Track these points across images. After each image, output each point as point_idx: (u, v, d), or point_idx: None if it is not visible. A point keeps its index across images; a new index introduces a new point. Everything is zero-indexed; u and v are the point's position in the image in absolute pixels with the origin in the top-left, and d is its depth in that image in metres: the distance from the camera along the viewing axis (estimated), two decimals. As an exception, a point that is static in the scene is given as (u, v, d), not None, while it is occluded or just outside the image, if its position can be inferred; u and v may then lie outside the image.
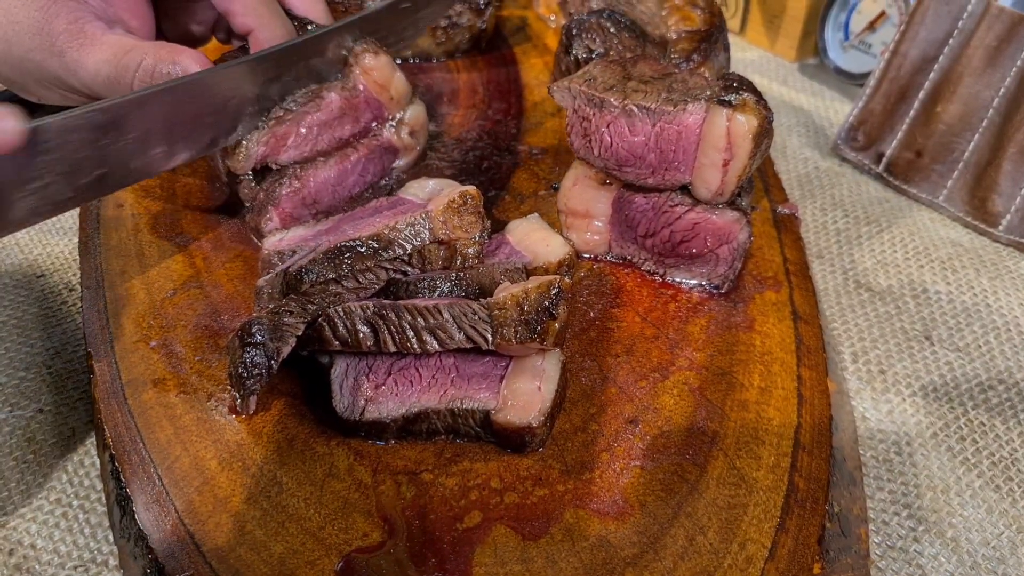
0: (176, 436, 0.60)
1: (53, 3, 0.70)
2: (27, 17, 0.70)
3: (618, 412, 0.62)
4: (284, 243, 0.69)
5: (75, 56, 0.71)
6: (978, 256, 0.85)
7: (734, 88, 0.64)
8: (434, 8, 0.89)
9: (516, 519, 0.55)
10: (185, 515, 0.55)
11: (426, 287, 0.62)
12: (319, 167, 0.75)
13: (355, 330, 0.58)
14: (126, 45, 0.72)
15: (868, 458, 0.66)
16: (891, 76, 0.95)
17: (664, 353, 0.66)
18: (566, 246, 0.69)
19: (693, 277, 0.72)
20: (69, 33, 0.71)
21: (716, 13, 0.87)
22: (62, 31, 0.71)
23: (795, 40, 1.17)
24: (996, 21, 0.87)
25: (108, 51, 0.71)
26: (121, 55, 0.71)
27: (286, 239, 0.69)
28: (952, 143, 0.90)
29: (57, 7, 0.70)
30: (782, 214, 0.81)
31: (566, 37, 0.85)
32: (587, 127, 0.67)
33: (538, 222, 0.71)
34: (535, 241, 0.69)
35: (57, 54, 0.71)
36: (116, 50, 0.71)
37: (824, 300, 0.80)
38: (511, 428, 0.57)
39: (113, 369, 0.65)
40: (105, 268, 0.73)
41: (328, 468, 0.58)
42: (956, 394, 0.71)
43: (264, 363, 0.58)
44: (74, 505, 0.62)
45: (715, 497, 0.56)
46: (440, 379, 0.60)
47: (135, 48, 0.71)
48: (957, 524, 0.62)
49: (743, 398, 0.63)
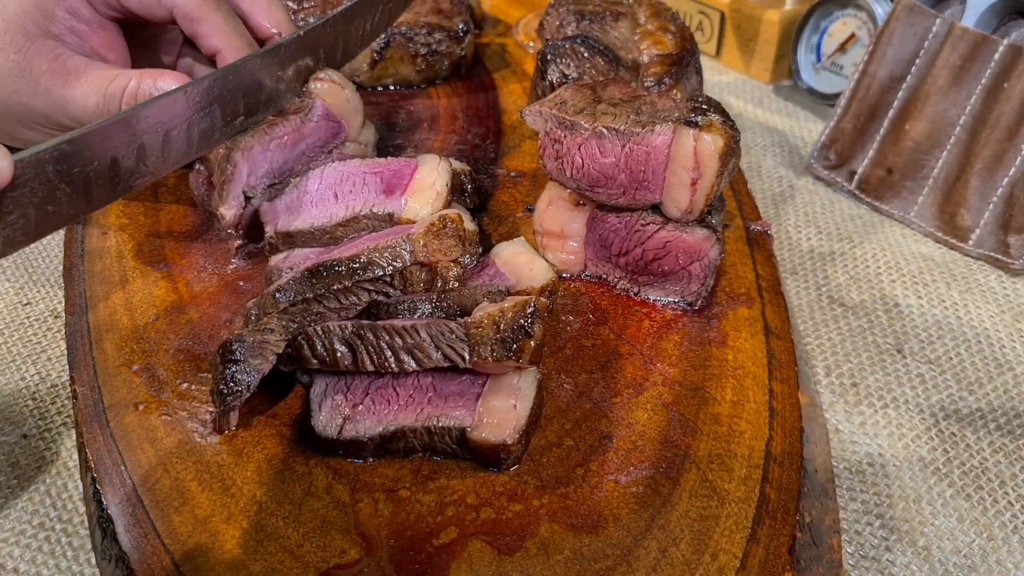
0: (157, 458, 0.60)
1: (31, 44, 0.72)
2: (7, 60, 0.72)
3: (593, 428, 0.63)
4: (287, 261, 0.71)
5: (61, 92, 0.73)
6: (948, 270, 0.87)
7: (702, 109, 0.66)
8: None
9: (492, 534, 0.56)
10: (165, 536, 0.55)
11: (407, 308, 0.63)
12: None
13: (333, 349, 0.60)
14: (110, 75, 0.74)
15: (841, 470, 0.67)
16: (861, 96, 0.97)
17: (638, 369, 0.67)
18: (550, 271, 0.70)
19: (666, 294, 0.73)
20: (52, 71, 0.73)
21: (687, 37, 0.89)
22: (45, 70, 0.72)
23: (769, 63, 1.19)
24: (960, 41, 0.90)
25: (94, 82, 0.72)
26: (107, 83, 0.73)
27: (290, 257, 0.71)
28: (921, 160, 0.92)
29: (36, 48, 0.72)
30: (755, 231, 0.82)
31: (541, 62, 0.87)
32: (559, 149, 0.68)
33: (524, 246, 0.73)
34: (520, 265, 0.70)
35: (43, 93, 0.73)
36: (102, 80, 0.73)
37: (798, 315, 0.82)
38: (486, 445, 0.58)
39: (96, 393, 0.65)
40: (89, 294, 0.74)
41: (307, 487, 0.58)
42: (927, 405, 0.73)
43: (244, 380, 0.59)
44: (57, 528, 0.63)
45: (687, 509, 0.57)
46: (417, 398, 0.61)
47: (120, 75, 0.73)
48: (929, 533, 0.63)
49: (716, 412, 0.64)
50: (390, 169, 0.76)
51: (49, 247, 0.89)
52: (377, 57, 1.03)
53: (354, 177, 0.75)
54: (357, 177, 0.75)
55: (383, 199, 0.73)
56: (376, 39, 0.89)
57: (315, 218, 0.73)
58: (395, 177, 0.75)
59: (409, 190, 0.74)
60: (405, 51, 1.03)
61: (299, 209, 0.74)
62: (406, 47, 1.03)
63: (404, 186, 0.74)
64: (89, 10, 0.75)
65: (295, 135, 0.77)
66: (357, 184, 0.74)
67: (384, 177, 0.75)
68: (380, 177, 0.75)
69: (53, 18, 0.73)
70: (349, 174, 0.75)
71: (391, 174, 0.75)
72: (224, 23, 0.75)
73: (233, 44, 0.75)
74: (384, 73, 1.05)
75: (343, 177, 0.75)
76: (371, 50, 1.02)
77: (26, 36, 0.72)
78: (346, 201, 0.73)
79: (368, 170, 0.75)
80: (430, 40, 1.04)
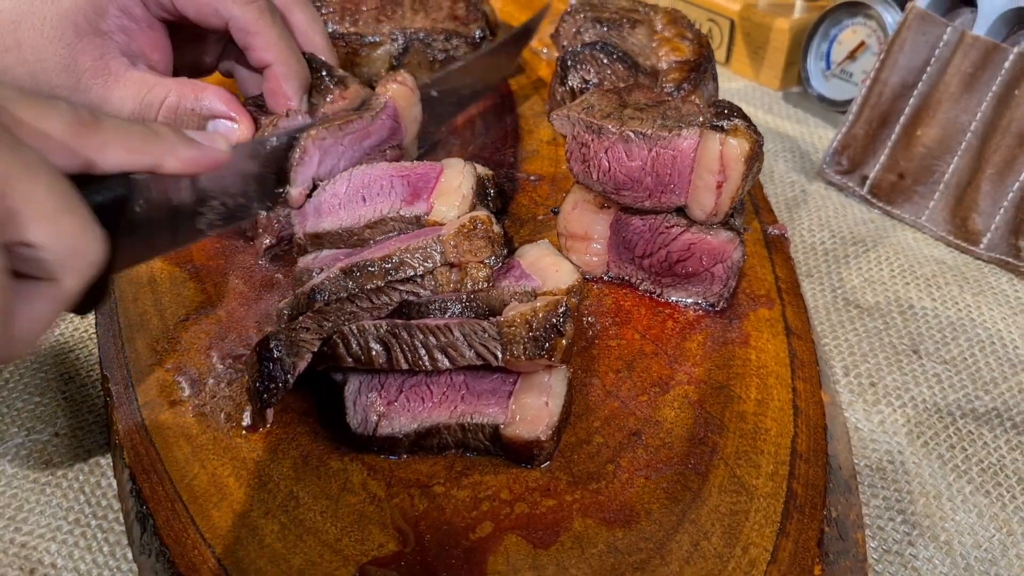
0: (193, 454, 0.61)
1: (79, 40, 0.73)
2: (54, 54, 0.73)
3: (621, 425, 0.64)
4: (317, 262, 0.72)
5: (100, 92, 0.74)
6: (961, 273, 0.89)
7: (725, 114, 0.68)
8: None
9: (526, 528, 0.57)
10: (205, 530, 0.56)
11: (437, 308, 0.64)
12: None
13: (368, 348, 0.61)
14: (149, 82, 0.75)
15: (862, 467, 0.69)
16: (872, 103, 0.99)
17: (664, 368, 0.69)
18: (575, 273, 0.71)
19: (689, 296, 0.74)
20: (94, 70, 0.74)
21: (704, 44, 0.91)
22: (87, 68, 0.73)
23: (779, 70, 1.21)
24: (971, 49, 0.91)
25: (132, 88, 0.74)
26: (145, 91, 0.74)
27: (319, 258, 0.72)
28: (933, 165, 0.94)
29: (83, 44, 0.73)
30: (772, 235, 0.84)
31: (561, 68, 0.88)
32: (586, 153, 0.70)
33: (549, 248, 0.74)
34: (545, 266, 0.71)
35: (83, 91, 0.74)
36: (140, 87, 0.74)
37: (815, 317, 0.83)
38: (520, 442, 0.60)
39: (129, 392, 0.66)
40: (118, 295, 0.75)
41: (343, 483, 0.60)
42: (944, 404, 0.74)
43: (281, 377, 0.60)
44: (92, 525, 0.64)
45: (717, 504, 0.58)
46: (450, 395, 0.62)
47: (158, 84, 0.74)
48: (950, 528, 0.64)
49: (741, 410, 0.65)
50: (416, 173, 0.77)
51: (73, 249, 0.90)
52: (395, 63, 1.04)
53: (381, 180, 0.76)
54: (384, 180, 0.76)
55: (410, 202, 0.74)
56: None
57: (343, 220, 0.74)
58: (421, 180, 0.76)
59: (435, 193, 0.75)
60: (423, 57, 1.04)
61: (328, 211, 0.75)
62: (424, 53, 1.04)
63: (430, 189, 0.75)
64: (142, 9, 0.76)
65: (363, 132, 0.79)
66: (384, 187, 0.75)
67: (410, 180, 0.76)
68: (406, 180, 0.76)
69: (105, 15, 0.74)
70: (376, 177, 0.76)
71: (417, 177, 0.76)
72: (279, 39, 0.76)
73: (284, 60, 0.76)
74: (402, 78, 1.06)
75: (371, 180, 0.76)
76: (389, 56, 1.03)
77: (76, 31, 0.73)
78: (374, 204, 0.74)
79: (395, 173, 0.76)
80: (448, 46, 1.05)
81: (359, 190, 0.75)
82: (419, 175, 0.77)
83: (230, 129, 0.77)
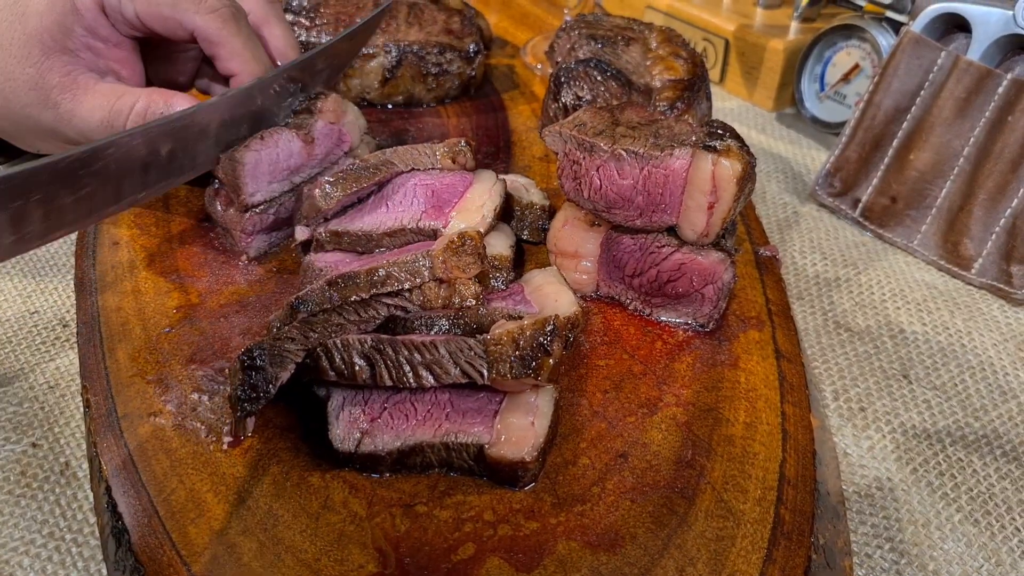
0: (172, 469, 0.60)
1: (46, 59, 0.73)
2: (22, 74, 0.73)
3: (608, 447, 0.63)
4: (326, 259, 0.73)
5: (69, 107, 0.74)
6: (952, 298, 0.88)
7: (718, 135, 0.67)
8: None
9: (509, 551, 0.56)
10: (182, 547, 0.55)
11: (424, 324, 0.64)
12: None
13: (352, 362, 0.60)
14: (118, 91, 0.75)
15: (851, 493, 0.68)
16: (865, 125, 0.98)
17: (652, 389, 0.68)
18: (575, 305, 0.68)
19: (679, 316, 0.74)
20: (62, 86, 0.74)
21: (698, 63, 0.91)
22: (55, 84, 0.74)
23: (772, 91, 1.21)
24: (965, 74, 0.91)
25: (101, 98, 0.74)
26: (114, 100, 0.74)
27: (331, 253, 0.73)
28: (925, 190, 0.94)
29: (50, 62, 0.73)
30: (763, 256, 0.83)
31: (555, 84, 0.88)
32: (577, 170, 0.69)
33: (554, 275, 0.73)
34: (546, 295, 0.70)
35: (52, 106, 0.74)
36: (108, 96, 0.74)
37: (805, 340, 0.82)
38: (504, 462, 0.59)
39: (109, 403, 0.65)
40: (101, 304, 0.74)
41: (323, 500, 0.58)
42: (934, 431, 0.73)
43: (263, 387, 0.59)
44: (67, 539, 0.62)
45: (704, 529, 0.57)
46: (435, 413, 0.61)
47: (127, 93, 0.75)
48: (938, 557, 0.64)
49: (729, 433, 0.64)
50: (443, 183, 0.77)
51: (57, 256, 0.89)
52: (388, 75, 1.03)
53: (407, 188, 0.76)
54: (410, 188, 0.76)
55: (431, 215, 0.75)
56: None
57: (365, 224, 0.75)
58: (448, 191, 0.76)
59: (457, 208, 0.75)
60: (416, 70, 1.04)
61: (355, 212, 0.76)
62: (417, 66, 1.04)
63: (453, 203, 0.75)
64: (108, 28, 0.76)
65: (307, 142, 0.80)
66: (409, 195, 0.76)
67: (436, 191, 0.76)
68: (432, 191, 0.76)
69: (71, 34, 0.75)
70: (402, 184, 0.76)
71: (444, 187, 0.77)
72: (243, 47, 0.77)
73: (250, 69, 0.77)
74: (395, 91, 1.05)
75: (398, 186, 0.76)
76: (382, 68, 1.03)
77: (43, 51, 0.73)
78: (396, 212, 0.75)
79: (420, 182, 0.77)
80: (441, 60, 1.05)
81: (388, 195, 0.76)
82: (446, 185, 0.77)
83: None
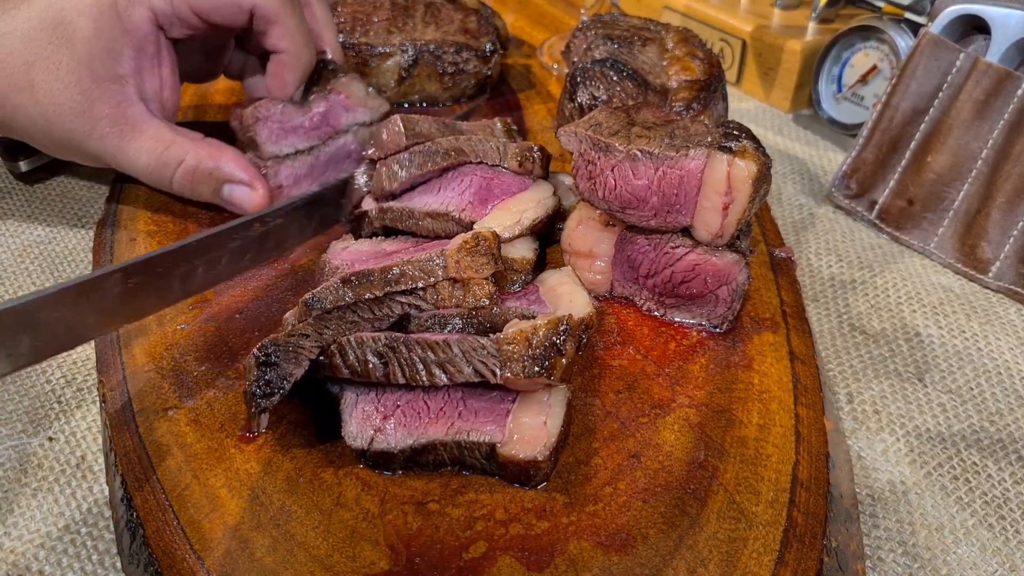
0: (187, 464, 0.61)
1: (96, 87, 0.72)
2: (69, 100, 0.72)
3: (620, 447, 0.63)
4: (342, 256, 0.74)
5: (116, 143, 0.74)
6: (968, 302, 0.88)
7: (734, 135, 0.67)
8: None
9: (521, 550, 0.56)
10: (195, 541, 0.56)
11: (437, 323, 0.64)
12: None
13: (365, 360, 0.60)
14: (166, 139, 0.75)
15: (864, 496, 0.68)
16: (883, 127, 0.98)
17: (665, 390, 0.68)
18: (589, 306, 0.68)
19: (693, 317, 0.73)
20: (111, 119, 0.73)
21: (715, 64, 0.90)
22: (104, 116, 0.73)
23: (789, 92, 1.20)
24: (984, 76, 0.91)
25: (148, 142, 0.74)
26: (162, 149, 0.74)
27: (347, 251, 0.74)
28: (942, 192, 0.93)
29: (100, 91, 0.72)
30: (778, 258, 0.83)
31: (571, 84, 0.88)
32: (592, 170, 0.69)
33: (569, 276, 0.73)
34: (560, 295, 0.70)
35: (98, 138, 0.74)
36: (157, 143, 0.74)
37: (820, 342, 0.82)
38: (516, 462, 0.59)
39: (125, 398, 0.66)
40: (118, 300, 0.75)
41: (336, 497, 0.59)
42: (949, 435, 0.73)
43: (277, 383, 0.60)
44: (82, 532, 0.63)
45: (715, 531, 0.57)
46: (448, 412, 0.61)
47: (175, 144, 0.75)
48: (951, 562, 0.63)
49: (742, 435, 0.64)
50: (500, 180, 0.78)
51: (75, 252, 0.90)
52: (404, 74, 1.04)
53: (466, 177, 0.78)
54: (468, 178, 0.77)
55: (473, 207, 0.75)
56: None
57: (414, 201, 0.76)
58: (500, 189, 0.77)
59: (498, 207, 0.76)
60: (432, 69, 1.04)
61: (416, 191, 0.78)
62: (434, 65, 1.04)
63: (499, 202, 0.76)
64: (155, 45, 0.76)
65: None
66: (464, 184, 0.77)
67: (490, 187, 0.77)
68: (486, 185, 0.77)
69: (120, 59, 0.74)
70: (462, 173, 0.78)
71: (498, 185, 0.78)
72: (296, 30, 0.78)
73: (297, 50, 0.79)
74: (411, 90, 1.06)
75: (460, 174, 0.78)
76: (399, 67, 1.03)
77: (93, 78, 0.72)
78: (445, 196, 0.76)
79: (481, 174, 0.78)
80: (458, 59, 1.05)
81: (445, 180, 0.77)
82: (500, 183, 0.78)
83: (246, 194, 0.79)
